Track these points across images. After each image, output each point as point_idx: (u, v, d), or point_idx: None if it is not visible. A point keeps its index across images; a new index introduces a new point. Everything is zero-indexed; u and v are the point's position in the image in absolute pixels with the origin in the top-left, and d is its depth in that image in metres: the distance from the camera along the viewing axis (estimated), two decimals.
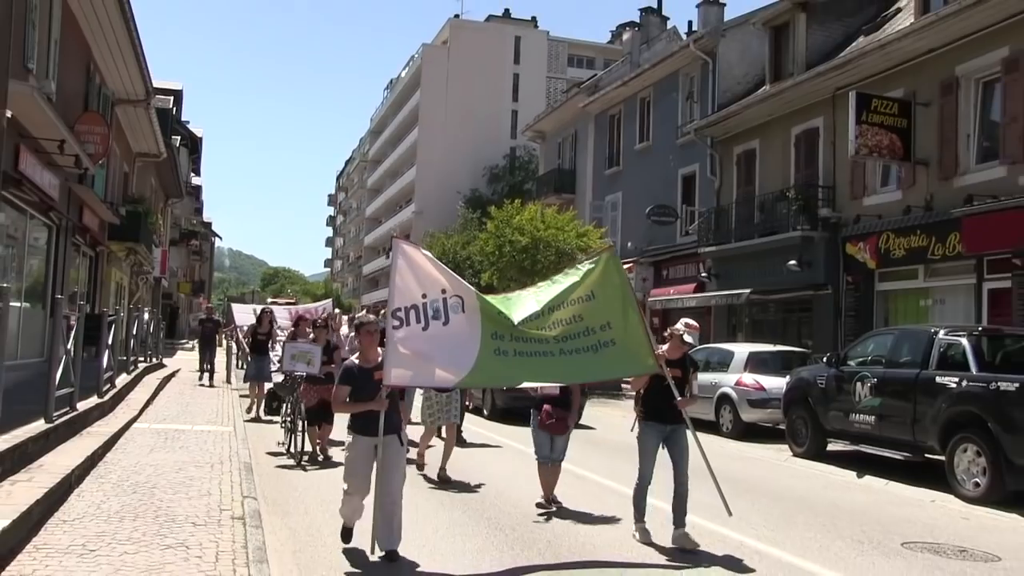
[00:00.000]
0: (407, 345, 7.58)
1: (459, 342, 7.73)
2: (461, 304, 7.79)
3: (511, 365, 7.98)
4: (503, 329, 7.87)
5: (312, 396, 13.17)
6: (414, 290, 7.74)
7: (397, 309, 7.64)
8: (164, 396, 20.20)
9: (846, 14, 27.45)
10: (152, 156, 32.99)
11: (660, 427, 8.83)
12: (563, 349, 8.05)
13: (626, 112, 38.37)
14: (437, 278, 7.81)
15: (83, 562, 6.75)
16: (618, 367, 8.83)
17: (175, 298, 58.07)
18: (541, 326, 8.06)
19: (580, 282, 8.35)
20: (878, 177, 23.71)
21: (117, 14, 19.42)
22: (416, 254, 7.93)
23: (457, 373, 7.83)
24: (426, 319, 7.67)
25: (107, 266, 28.64)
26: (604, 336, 8.14)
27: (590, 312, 8.21)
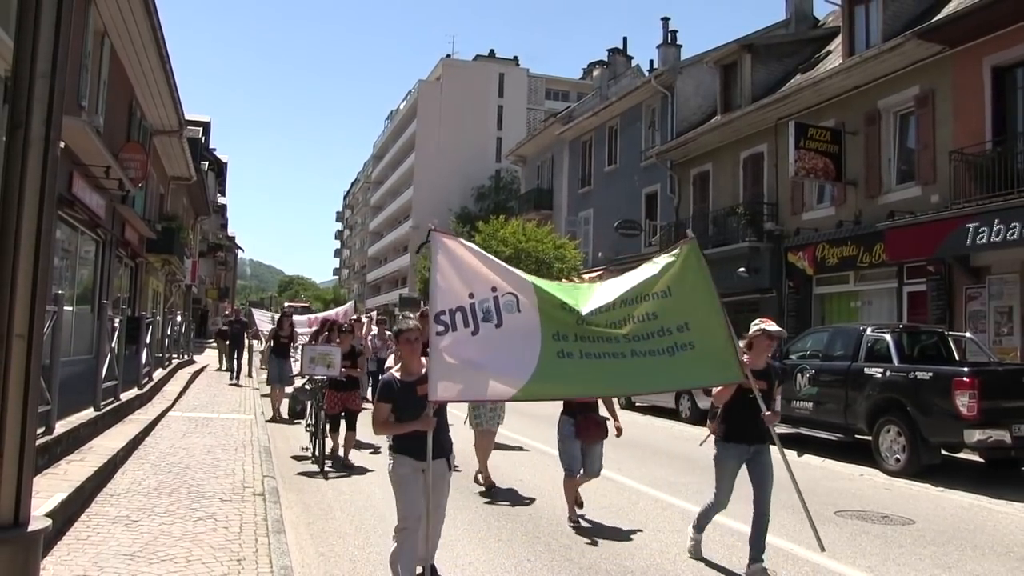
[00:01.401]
0: (454, 353, 5.58)
1: (516, 346, 5.69)
2: (516, 302, 5.77)
3: (578, 369, 5.74)
4: (566, 327, 5.79)
5: (335, 403, 11.61)
6: (459, 290, 5.76)
7: (440, 313, 5.64)
8: (194, 388, 20.18)
9: (785, 55, 27.65)
10: (184, 179, 32.94)
11: (743, 448, 6.89)
12: (635, 350, 5.88)
13: (596, 139, 38.46)
14: (485, 275, 5.82)
15: (128, 530, 6.83)
16: (698, 374, 6.37)
17: (204, 303, 57.81)
18: (611, 321, 5.96)
19: (658, 277, 6.22)
20: (814, 195, 23.89)
21: (156, 60, 19.69)
22: (459, 248, 5.89)
23: (515, 383, 5.63)
24: (475, 322, 5.68)
25: (145, 275, 28.59)
26: (681, 338, 6.02)
27: (666, 311, 6.09)
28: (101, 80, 18.11)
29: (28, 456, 2.25)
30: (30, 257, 2.21)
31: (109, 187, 17.62)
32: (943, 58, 19.28)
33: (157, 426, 12.98)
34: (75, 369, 14.27)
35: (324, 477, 10.53)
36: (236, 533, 6.96)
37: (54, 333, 8.95)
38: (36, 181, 2.22)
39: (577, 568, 6.79)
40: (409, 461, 5.68)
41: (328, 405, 11.59)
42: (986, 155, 17.70)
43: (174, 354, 24.20)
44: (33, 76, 2.19)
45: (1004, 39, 17.74)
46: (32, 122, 2.19)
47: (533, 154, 46.50)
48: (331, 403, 11.62)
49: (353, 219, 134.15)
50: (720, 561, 7.15)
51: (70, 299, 16.15)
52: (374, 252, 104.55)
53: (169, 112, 23.96)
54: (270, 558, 6.24)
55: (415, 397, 5.64)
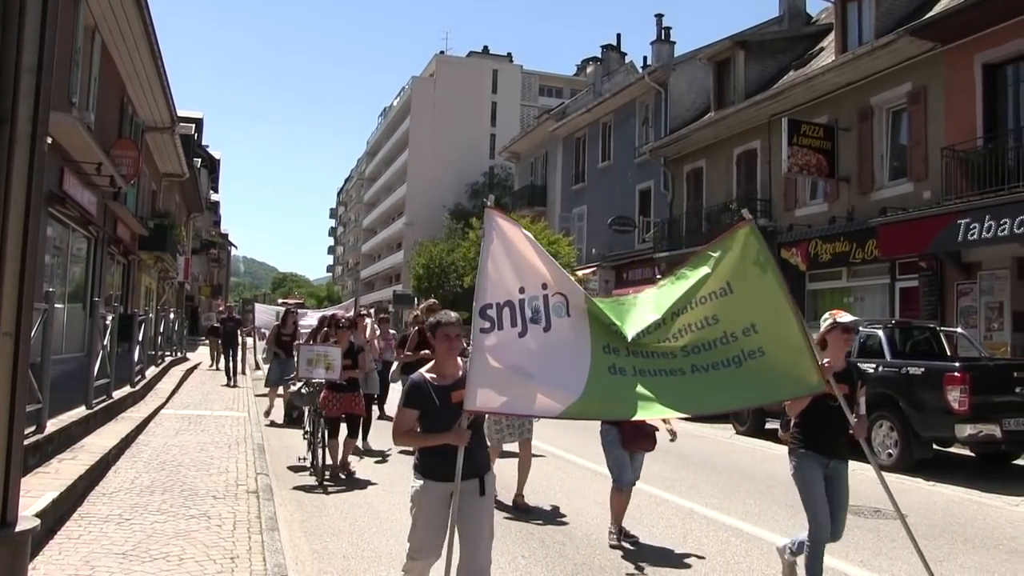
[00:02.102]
0: (500, 356, 4.72)
1: (564, 356, 4.83)
2: (565, 305, 4.92)
3: (632, 388, 4.81)
4: (617, 341, 4.91)
5: (334, 406, 10.45)
6: (510, 282, 4.88)
7: (487, 306, 4.80)
8: (187, 386, 20.13)
9: (778, 51, 27.67)
10: (176, 176, 32.88)
11: (822, 459, 5.89)
12: (695, 365, 4.92)
13: (590, 135, 38.44)
14: (538, 268, 4.95)
15: (120, 529, 6.80)
16: (772, 387, 5.13)
17: (196, 300, 57.70)
18: (663, 337, 5.02)
19: (712, 272, 5.13)
20: (807, 192, 23.91)
21: (148, 56, 19.62)
22: (516, 233, 5.00)
23: (563, 399, 4.73)
24: (523, 321, 4.84)
25: (138, 272, 28.51)
26: (749, 344, 4.98)
27: (728, 311, 5.06)
28: (92, 76, 18.01)
29: (15, 456, 2.23)
30: (17, 255, 2.19)
31: (101, 184, 17.56)
32: (935, 55, 19.31)
33: (150, 424, 12.94)
34: (67, 367, 14.22)
35: (324, 492, 9.55)
36: (229, 531, 6.92)
37: (45, 331, 8.90)
38: (23, 178, 2.19)
39: (572, 564, 6.78)
40: (435, 484, 4.76)
41: (326, 408, 10.42)
42: (977, 152, 17.74)
43: (167, 352, 24.13)
44: (19, 70, 2.16)
45: (995, 36, 17.77)
46: (18, 118, 2.17)
47: (527, 151, 46.47)
48: (329, 406, 10.42)
49: (347, 216, 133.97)
50: (714, 556, 7.14)
51: (62, 297, 16.09)
52: (368, 249, 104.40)
53: (161, 108, 23.88)
54: (263, 556, 6.22)
55: (448, 405, 4.76)
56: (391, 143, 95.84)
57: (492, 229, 4.91)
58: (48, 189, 14.19)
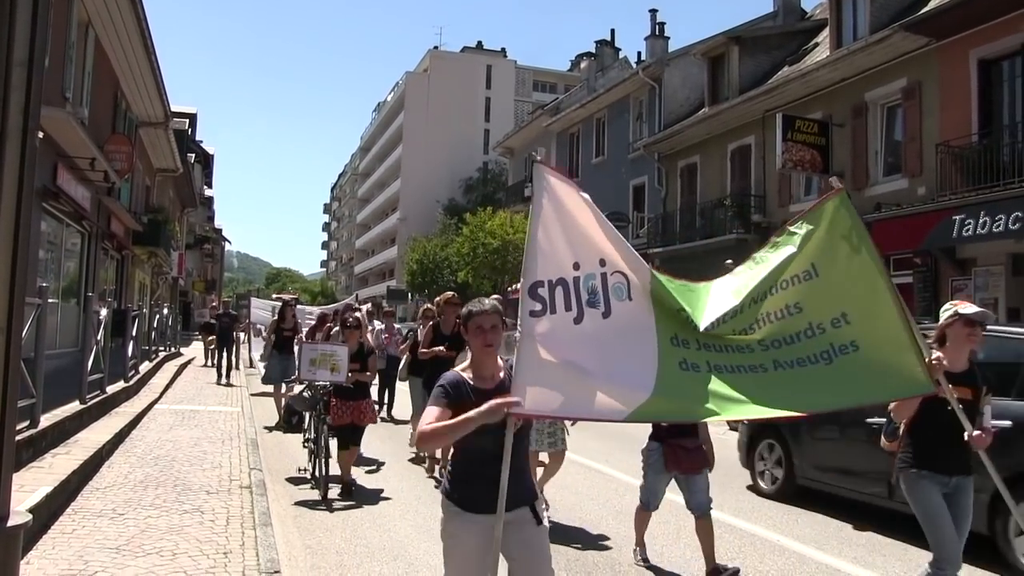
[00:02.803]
0: (553, 346, 3.80)
1: (628, 347, 3.95)
2: (627, 286, 4.01)
3: (707, 387, 3.97)
4: (687, 332, 4.08)
5: (344, 415, 9.29)
6: (563, 255, 3.93)
7: (538, 284, 3.83)
8: (181, 381, 20.09)
9: (772, 47, 27.70)
10: (170, 171, 32.80)
11: (940, 479, 4.95)
12: (778, 360, 4.08)
13: (584, 131, 38.43)
14: (595, 241, 4.02)
15: (114, 524, 6.78)
16: (869, 387, 4.15)
17: (190, 295, 57.61)
18: (740, 328, 4.18)
19: (797, 252, 4.26)
20: (802, 187, 23.96)
21: (142, 51, 19.61)
22: (570, 194, 4.04)
23: (631, 398, 3.85)
24: (579, 305, 3.89)
25: (132, 267, 28.45)
26: (839, 336, 4.10)
27: (814, 299, 4.17)
28: (85, 71, 17.99)
29: (7, 451, 2.22)
30: (8, 249, 2.18)
31: (94, 179, 17.52)
32: (930, 51, 19.34)
33: (143, 419, 12.90)
34: (61, 362, 14.18)
35: (328, 508, 8.54)
36: (223, 526, 6.91)
37: (39, 326, 8.87)
38: (14, 172, 2.18)
39: (564, 560, 6.77)
40: (475, 519, 3.74)
41: (333, 416, 9.32)
42: (972, 147, 17.76)
43: (161, 347, 24.08)
44: (10, 64, 2.15)
45: (990, 32, 17.80)
46: (9, 112, 2.16)
47: (521, 146, 46.44)
48: (337, 414, 9.30)
49: (340, 211, 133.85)
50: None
51: (55, 292, 16.05)
52: (362, 244, 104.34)
53: (155, 103, 23.82)
54: (257, 551, 6.21)
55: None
56: (385, 138, 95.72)
57: (543, 189, 3.98)
58: (42, 184, 14.17)
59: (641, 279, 4.02)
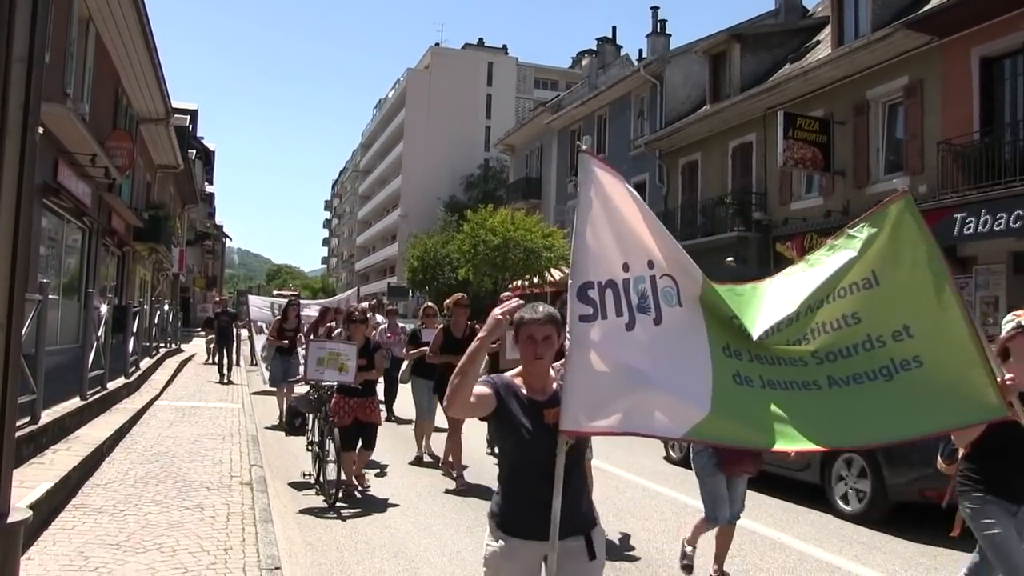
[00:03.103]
0: (606, 354, 3.45)
1: (681, 357, 3.61)
2: (675, 291, 3.67)
3: (764, 406, 3.61)
4: (739, 342, 3.73)
5: (345, 414, 8.90)
6: (612, 255, 3.58)
7: (588, 285, 3.47)
8: (182, 377, 20.08)
9: (774, 45, 27.67)
10: (171, 168, 32.78)
11: (1009, 506, 4.47)
12: (833, 376, 3.68)
13: (585, 128, 38.35)
14: (643, 240, 3.66)
15: (114, 520, 6.78)
16: (933, 410, 3.70)
17: (191, 291, 57.63)
18: (795, 336, 3.80)
19: (857, 259, 3.84)
20: (803, 185, 23.93)
21: (143, 47, 19.59)
22: (617, 188, 3.66)
23: (689, 414, 3.51)
24: (630, 309, 3.54)
25: (132, 264, 28.45)
26: (901, 351, 3.68)
27: (872, 309, 3.77)
28: (86, 67, 17.98)
29: (8, 448, 2.22)
30: (8, 246, 2.18)
31: (95, 175, 17.50)
32: (932, 49, 19.31)
33: (144, 415, 12.90)
34: (61, 358, 14.18)
35: (337, 514, 8.09)
36: (223, 522, 6.91)
37: (39, 322, 8.88)
38: (14, 168, 2.18)
39: None
40: (523, 545, 3.43)
41: (336, 416, 8.90)
42: (974, 146, 17.75)
43: (162, 343, 24.07)
44: (9, 59, 2.15)
45: (992, 29, 17.77)
46: (9, 107, 2.15)
47: (522, 143, 46.42)
48: (339, 413, 8.91)
49: (341, 208, 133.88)
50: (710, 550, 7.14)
51: (56, 288, 16.05)
52: (362, 241, 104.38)
53: (156, 100, 23.80)
54: (257, 547, 6.21)
55: (540, 426, 3.41)
56: (386, 135, 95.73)
57: (589, 182, 3.60)
58: (42, 180, 14.17)
59: (690, 283, 3.68)
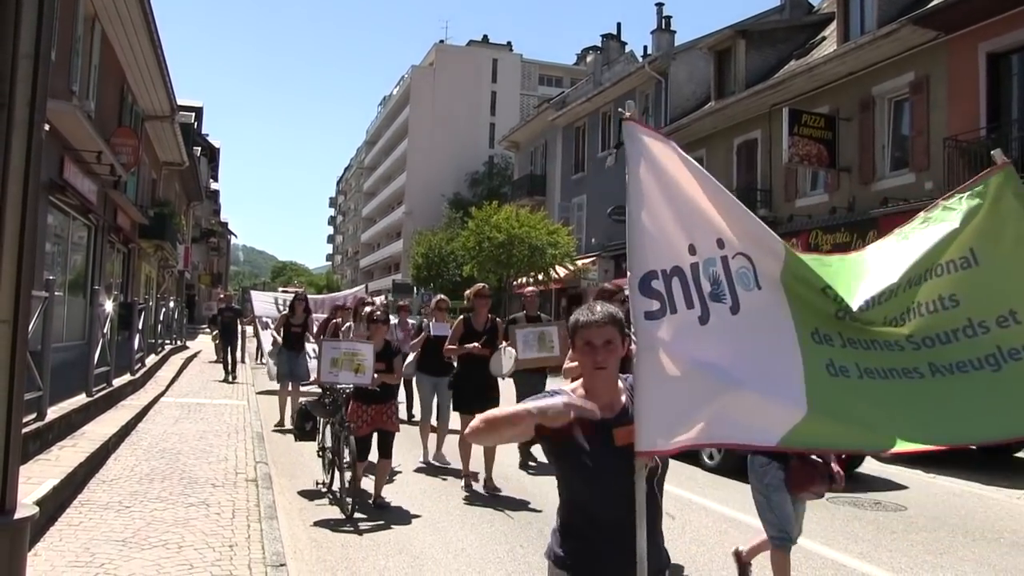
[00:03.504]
0: (680, 355, 2.94)
1: (766, 348, 3.08)
2: (752, 271, 3.11)
3: (865, 400, 3.08)
4: (828, 324, 3.19)
5: (363, 421, 8.17)
6: (674, 237, 3.05)
7: (651, 275, 2.96)
8: (187, 374, 20.12)
9: (779, 41, 27.60)
10: (176, 165, 32.87)
11: None
12: (934, 364, 3.17)
13: (590, 125, 38.37)
14: (707, 213, 3.10)
15: (120, 516, 6.81)
16: None
17: (196, 288, 57.73)
18: (892, 314, 3.25)
19: (958, 232, 3.35)
20: (808, 182, 23.87)
21: (148, 45, 19.64)
22: (669, 156, 3.09)
23: (781, 417, 3.00)
24: (701, 299, 3.02)
25: (138, 261, 28.50)
26: (1008, 337, 3.16)
27: (972, 290, 3.25)
28: (92, 65, 18.02)
29: (14, 444, 2.22)
30: (15, 242, 2.18)
31: (101, 172, 17.56)
32: (938, 44, 19.26)
33: (150, 412, 12.94)
34: (67, 355, 14.21)
35: (355, 529, 7.40)
36: (228, 519, 6.94)
37: (45, 319, 8.90)
38: (20, 164, 2.18)
39: None
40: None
41: (353, 421, 8.19)
42: (980, 142, 17.68)
43: (167, 340, 24.12)
44: (16, 56, 2.15)
45: (999, 25, 17.71)
46: (15, 104, 2.16)
47: (526, 140, 46.38)
48: (357, 418, 8.20)
49: (346, 205, 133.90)
50: (713, 547, 7.14)
51: (62, 285, 16.10)
52: (367, 238, 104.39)
53: (161, 97, 23.85)
54: (262, 544, 6.23)
55: (610, 448, 2.83)
56: (391, 132, 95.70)
57: (639, 154, 3.03)
58: (48, 177, 14.21)
59: (769, 259, 3.11)
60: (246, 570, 5.64)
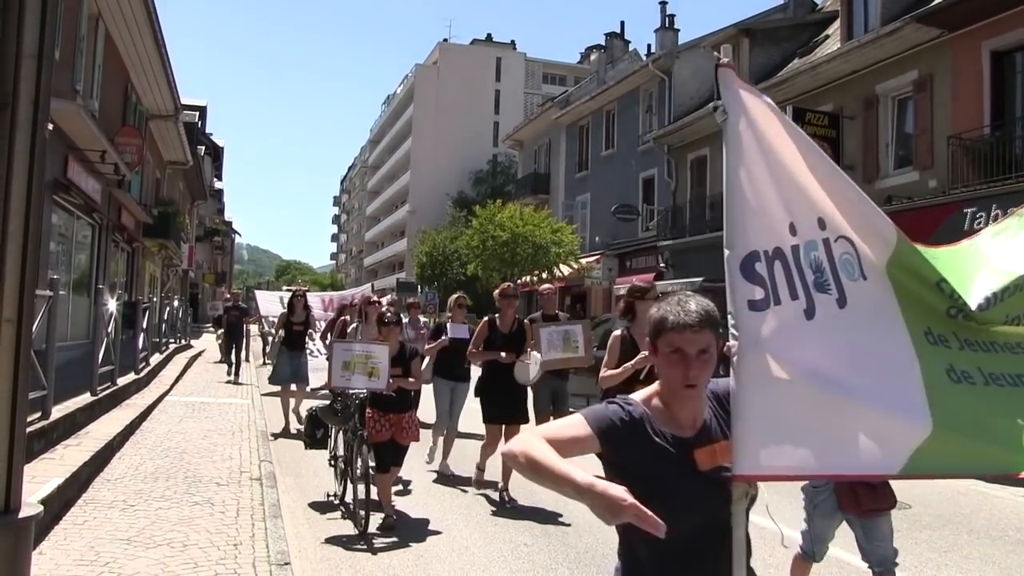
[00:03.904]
0: (787, 356, 2.35)
1: (878, 351, 2.48)
2: (855, 258, 2.56)
3: (990, 409, 2.52)
4: (941, 323, 2.63)
5: (383, 429, 7.48)
6: (775, 214, 2.47)
7: (753, 257, 2.39)
8: (191, 373, 20.12)
9: (783, 39, 27.57)
10: (180, 164, 32.91)
11: None
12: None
13: (593, 123, 38.36)
14: (808, 187, 2.53)
15: (125, 515, 6.81)
16: None
17: (200, 287, 57.78)
18: (1014, 313, 2.72)
19: None
20: None
21: (152, 44, 19.66)
22: (769, 116, 2.58)
23: (903, 437, 2.39)
24: (805, 290, 2.43)
25: (142, 260, 28.55)
26: None
27: None
28: (96, 64, 18.06)
29: (19, 443, 2.22)
30: (19, 241, 2.18)
31: (105, 172, 17.58)
32: (942, 42, 19.22)
33: (154, 411, 12.94)
34: (72, 354, 14.23)
35: (369, 547, 6.80)
36: (233, 518, 6.94)
37: (50, 318, 8.90)
38: (24, 164, 2.18)
39: (574, 552, 6.78)
40: None
41: (370, 431, 7.48)
42: (984, 140, 17.67)
43: (171, 339, 24.13)
44: (20, 56, 2.15)
45: (1003, 23, 17.67)
46: (19, 103, 2.16)
47: (530, 138, 46.37)
48: (375, 428, 7.50)
49: (350, 204, 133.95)
50: None
51: (66, 284, 16.12)
52: (371, 237, 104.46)
53: (165, 96, 23.88)
54: (267, 543, 6.23)
55: (691, 475, 2.34)
56: (394, 131, 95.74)
57: (739, 111, 2.59)
58: (53, 177, 14.24)
59: (875, 244, 2.62)
60: (251, 569, 5.64)
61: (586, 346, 8.64)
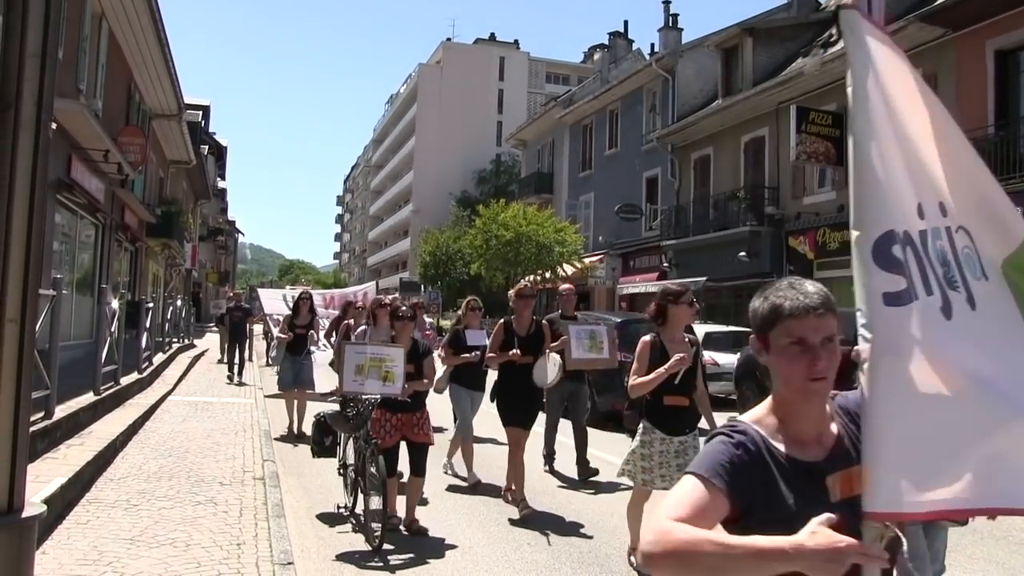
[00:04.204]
0: (934, 364, 1.82)
1: (1014, 362, 1.93)
2: (975, 254, 2.05)
3: None
4: None
5: (390, 431, 7.09)
6: (904, 189, 1.92)
7: (888, 238, 1.84)
8: (194, 373, 20.13)
9: (786, 38, 27.56)
10: (183, 163, 32.90)
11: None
12: None
13: (597, 122, 38.34)
14: (932, 164, 2.03)
15: (128, 515, 6.82)
16: None
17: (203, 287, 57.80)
18: None
19: None
20: (816, 179, 23.85)
21: (155, 43, 19.67)
22: (902, 70, 2.19)
23: None
24: (939, 284, 1.90)
25: (145, 259, 28.56)
26: None
27: None
28: (99, 63, 18.07)
29: (22, 442, 2.22)
30: (22, 241, 2.18)
31: (108, 171, 17.59)
32: (946, 41, 19.20)
33: (157, 410, 12.96)
34: (75, 353, 14.25)
35: (384, 565, 6.32)
36: (236, 517, 6.94)
37: (53, 317, 8.92)
38: (28, 164, 2.18)
39: (578, 552, 6.78)
40: None
41: (379, 434, 7.03)
42: (988, 139, 17.64)
43: (174, 338, 24.15)
44: (23, 55, 2.15)
45: (1007, 22, 17.66)
46: (22, 103, 2.16)
47: (534, 138, 46.35)
48: (380, 429, 7.06)
49: (353, 203, 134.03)
50: None
51: (70, 284, 16.14)
52: (374, 236, 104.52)
53: (168, 95, 23.89)
54: (270, 542, 6.23)
55: (817, 502, 1.84)
56: (398, 130, 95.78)
57: (865, 59, 2.16)
58: (56, 176, 14.25)
59: (994, 239, 2.16)
60: (254, 568, 5.64)
61: (611, 348, 8.52)
